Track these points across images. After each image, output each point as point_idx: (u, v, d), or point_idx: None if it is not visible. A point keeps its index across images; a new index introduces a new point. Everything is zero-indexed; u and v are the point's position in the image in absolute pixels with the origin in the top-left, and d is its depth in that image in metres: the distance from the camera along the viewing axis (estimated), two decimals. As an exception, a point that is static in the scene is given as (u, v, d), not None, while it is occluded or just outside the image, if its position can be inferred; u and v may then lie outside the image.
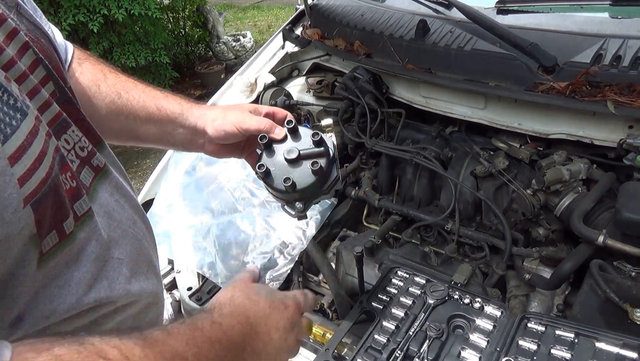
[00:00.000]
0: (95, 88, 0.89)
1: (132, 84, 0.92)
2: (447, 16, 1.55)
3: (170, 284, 1.41)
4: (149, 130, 0.92)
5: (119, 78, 0.92)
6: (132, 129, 0.92)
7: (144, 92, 0.92)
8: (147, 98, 0.91)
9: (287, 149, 0.84)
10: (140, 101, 0.91)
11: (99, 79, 0.90)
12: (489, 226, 1.42)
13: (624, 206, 1.05)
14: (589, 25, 1.33)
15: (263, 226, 1.38)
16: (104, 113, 0.89)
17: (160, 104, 0.91)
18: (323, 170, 0.83)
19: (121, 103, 0.89)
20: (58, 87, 0.64)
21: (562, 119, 1.32)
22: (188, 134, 0.92)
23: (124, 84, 0.92)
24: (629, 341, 0.84)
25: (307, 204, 0.86)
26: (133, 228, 0.73)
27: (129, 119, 0.90)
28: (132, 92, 0.91)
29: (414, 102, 1.60)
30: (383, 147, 1.53)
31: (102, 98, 0.89)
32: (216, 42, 6.18)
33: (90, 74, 0.90)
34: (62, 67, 0.68)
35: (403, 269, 1.12)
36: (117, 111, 0.90)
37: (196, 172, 1.51)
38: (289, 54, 1.98)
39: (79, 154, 0.64)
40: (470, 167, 1.43)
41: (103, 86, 0.89)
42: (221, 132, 0.88)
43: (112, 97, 0.89)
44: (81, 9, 4.19)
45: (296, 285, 1.47)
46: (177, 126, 0.91)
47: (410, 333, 0.95)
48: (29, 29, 0.64)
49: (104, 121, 0.88)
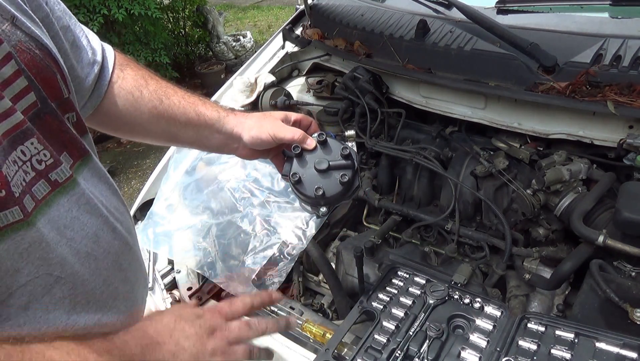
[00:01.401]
0: (138, 93, 0.94)
1: (172, 90, 0.98)
2: (447, 16, 1.55)
3: (170, 284, 1.40)
4: (187, 134, 0.99)
5: (160, 84, 0.98)
6: (171, 132, 0.98)
7: (184, 98, 0.98)
8: (186, 105, 0.98)
9: (318, 160, 0.96)
10: (181, 107, 0.97)
11: (141, 85, 0.95)
12: (489, 226, 1.42)
13: (624, 206, 1.05)
14: (589, 25, 1.33)
15: (263, 226, 1.38)
16: (147, 118, 0.95)
17: (199, 111, 0.98)
18: (350, 182, 0.95)
19: (162, 109, 0.96)
20: (40, 98, 0.65)
21: (562, 119, 1.32)
22: (223, 139, 1.00)
23: (165, 90, 0.98)
24: (629, 341, 0.84)
25: (329, 208, 0.98)
26: (91, 247, 0.70)
27: (170, 123, 0.97)
28: (173, 98, 0.97)
29: (414, 102, 1.60)
30: (383, 147, 1.53)
31: (144, 103, 0.95)
32: (216, 42, 6.18)
33: (132, 79, 0.95)
34: (58, 79, 0.69)
35: (403, 269, 1.12)
36: (158, 115, 0.96)
37: (196, 172, 1.51)
38: (289, 54, 1.98)
39: (35, 166, 0.63)
40: (470, 167, 1.43)
41: (145, 92, 0.95)
42: (257, 140, 0.97)
43: (154, 103, 0.95)
44: (81, 9, 4.20)
45: (296, 285, 1.47)
46: (213, 131, 0.99)
47: (410, 333, 0.95)
48: (22, 41, 0.64)
49: (146, 124, 0.96)
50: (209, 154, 1.51)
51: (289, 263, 1.33)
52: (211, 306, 0.81)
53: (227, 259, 1.33)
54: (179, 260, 1.37)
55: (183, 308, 0.80)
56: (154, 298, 1.34)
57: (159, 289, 1.36)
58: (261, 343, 0.84)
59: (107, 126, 0.98)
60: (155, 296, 1.35)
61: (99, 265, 0.71)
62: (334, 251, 1.53)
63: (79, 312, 0.69)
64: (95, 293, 0.71)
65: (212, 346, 0.75)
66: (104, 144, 4.74)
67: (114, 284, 0.75)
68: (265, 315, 1.23)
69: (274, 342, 1.16)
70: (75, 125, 0.73)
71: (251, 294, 0.89)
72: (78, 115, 0.74)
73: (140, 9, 4.51)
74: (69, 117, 0.72)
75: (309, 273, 1.50)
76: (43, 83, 0.66)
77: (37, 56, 0.66)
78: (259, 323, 0.83)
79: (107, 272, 0.73)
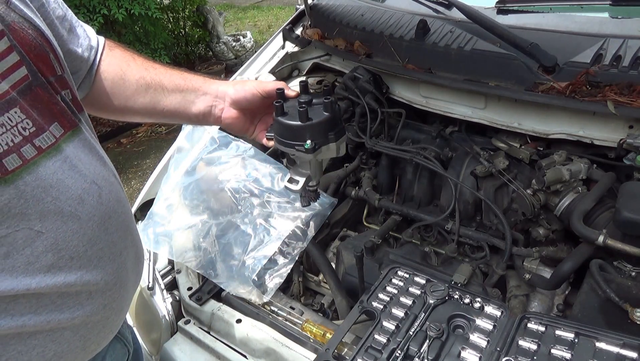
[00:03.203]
0: (125, 66, 0.99)
1: (159, 64, 1.04)
2: (447, 16, 1.55)
3: (170, 285, 1.41)
4: (174, 100, 1.01)
5: (147, 59, 1.03)
6: (157, 101, 1.00)
7: (171, 68, 1.03)
8: (173, 72, 1.02)
9: (300, 98, 0.93)
10: (167, 74, 1.01)
11: (128, 59, 1.01)
12: (489, 226, 1.42)
13: (624, 206, 1.05)
14: (589, 25, 1.33)
15: (263, 226, 1.38)
16: (134, 88, 0.99)
17: (185, 76, 1.02)
18: (334, 106, 0.91)
19: (149, 77, 0.99)
20: (31, 72, 0.71)
21: (562, 119, 1.32)
22: (210, 100, 1.01)
23: (152, 62, 1.03)
24: (629, 341, 0.84)
25: (317, 145, 0.91)
26: (75, 208, 0.74)
27: (157, 91, 1.00)
28: (159, 68, 1.02)
29: (414, 102, 1.60)
30: (383, 147, 1.53)
31: (132, 75, 0.99)
32: (216, 42, 6.18)
33: (121, 56, 1.01)
34: (51, 58, 0.75)
35: (403, 269, 1.12)
36: (145, 85, 0.99)
37: (196, 173, 1.51)
38: (289, 54, 1.97)
39: (21, 132, 0.70)
40: (471, 167, 1.43)
41: (133, 64, 1.00)
42: (241, 91, 0.98)
43: (141, 73, 0.99)
44: (81, 9, 4.20)
45: (296, 285, 1.47)
46: (200, 94, 1.01)
47: (411, 333, 0.95)
48: (15, 21, 0.71)
49: (132, 97, 0.99)
50: (210, 154, 1.51)
51: (289, 263, 1.33)
52: None
53: (227, 259, 1.33)
54: (179, 260, 1.37)
55: None
56: (154, 298, 1.34)
57: (159, 289, 1.36)
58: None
59: (97, 103, 1.01)
60: (155, 296, 1.35)
61: (82, 225, 0.75)
62: (334, 251, 1.53)
63: (62, 266, 0.73)
64: (78, 250, 0.74)
65: None
66: (104, 144, 4.72)
67: (98, 245, 0.78)
68: (265, 315, 1.23)
69: (274, 342, 1.16)
70: (72, 102, 0.79)
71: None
72: (73, 92, 0.80)
73: (140, 9, 4.51)
74: (65, 93, 0.78)
75: (309, 273, 1.50)
76: (36, 59, 0.72)
77: (29, 35, 0.72)
78: None
79: (92, 232, 0.76)
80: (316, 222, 1.40)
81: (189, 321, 1.31)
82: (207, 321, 1.27)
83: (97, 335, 0.82)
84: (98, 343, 0.84)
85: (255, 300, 1.27)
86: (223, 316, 1.25)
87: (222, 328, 1.25)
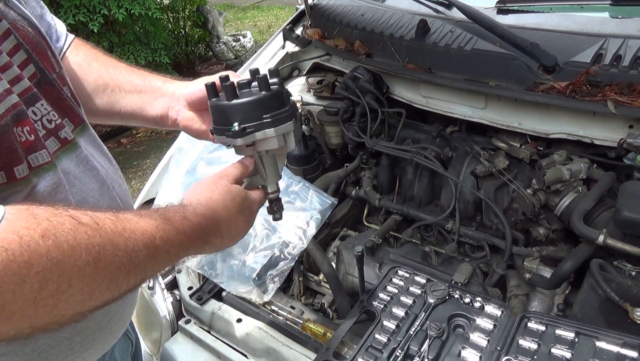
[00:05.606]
0: (86, 65, 0.97)
1: (122, 64, 1.00)
2: (447, 16, 1.55)
3: (170, 284, 1.41)
4: (131, 101, 0.97)
5: (112, 59, 1.00)
6: (115, 102, 0.97)
7: (132, 68, 1.00)
8: (132, 72, 0.98)
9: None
10: (127, 75, 0.97)
11: (91, 58, 0.98)
12: (489, 225, 1.42)
13: (624, 206, 1.05)
14: (589, 25, 1.33)
15: (263, 225, 1.38)
16: (92, 88, 0.96)
17: (144, 76, 0.98)
18: (276, 87, 0.80)
19: (108, 77, 0.96)
20: (39, 70, 0.72)
21: (562, 119, 1.32)
22: (167, 102, 0.95)
23: (115, 62, 0.99)
24: (629, 341, 0.84)
25: (246, 129, 0.79)
26: (97, 199, 0.78)
27: (114, 92, 0.96)
28: (121, 68, 0.99)
29: (415, 102, 1.60)
30: (383, 147, 1.53)
31: (91, 74, 0.96)
32: (216, 42, 6.18)
33: (84, 54, 0.98)
34: (49, 55, 0.76)
35: (403, 268, 1.12)
36: (104, 85, 0.96)
37: (197, 172, 1.51)
38: (289, 53, 1.98)
39: (46, 125, 0.71)
40: (471, 166, 1.43)
41: (94, 64, 0.97)
42: (196, 91, 0.90)
43: (100, 73, 0.97)
44: (81, 9, 4.19)
45: (296, 285, 1.47)
46: (158, 95, 0.96)
47: (411, 332, 0.95)
48: (16, 20, 0.72)
49: (91, 97, 0.96)
50: (210, 154, 1.51)
51: (290, 263, 1.33)
52: (255, 200, 0.85)
53: (227, 259, 1.33)
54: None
55: (245, 198, 0.82)
56: (155, 297, 1.35)
57: (159, 288, 1.36)
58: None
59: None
60: (155, 295, 1.35)
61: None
62: (334, 250, 1.53)
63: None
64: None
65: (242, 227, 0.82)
66: (104, 144, 4.73)
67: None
68: (265, 315, 1.23)
69: (274, 341, 1.16)
70: (71, 97, 0.80)
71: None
72: (71, 89, 0.81)
73: (141, 9, 4.51)
74: (65, 89, 0.79)
75: (309, 273, 1.50)
76: (39, 57, 0.73)
77: (29, 33, 0.73)
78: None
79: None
80: (316, 222, 1.40)
81: (190, 320, 1.31)
82: (207, 320, 1.28)
83: (116, 324, 0.86)
84: (115, 335, 0.87)
85: (256, 300, 1.27)
86: (223, 316, 1.25)
87: (222, 328, 1.25)
